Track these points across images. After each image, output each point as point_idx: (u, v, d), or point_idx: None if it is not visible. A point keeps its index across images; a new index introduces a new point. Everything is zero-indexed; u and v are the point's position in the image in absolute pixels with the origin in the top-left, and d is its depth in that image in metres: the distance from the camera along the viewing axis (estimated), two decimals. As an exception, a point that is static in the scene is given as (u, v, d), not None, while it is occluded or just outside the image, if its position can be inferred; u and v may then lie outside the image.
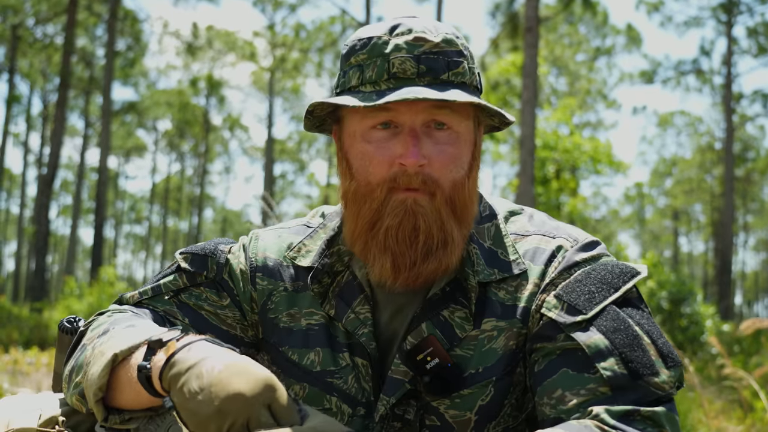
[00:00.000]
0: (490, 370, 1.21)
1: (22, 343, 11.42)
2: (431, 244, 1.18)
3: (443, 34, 1.19)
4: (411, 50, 1.17)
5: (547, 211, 16.44)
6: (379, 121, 1.18)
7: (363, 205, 1.20)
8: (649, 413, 1.03)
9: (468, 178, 1.21)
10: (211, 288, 1.34)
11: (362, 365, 1.26)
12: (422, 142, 1.17)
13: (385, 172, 1.18)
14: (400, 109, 1.17)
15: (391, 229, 1.18)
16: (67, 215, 48.19)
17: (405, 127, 1.17)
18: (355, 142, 1.21)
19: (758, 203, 44.07)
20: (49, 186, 20.40)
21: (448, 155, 1.18)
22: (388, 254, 1.19)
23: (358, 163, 1.21)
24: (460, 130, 1.20)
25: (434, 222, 1.18)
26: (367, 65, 1.19)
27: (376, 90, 1.17)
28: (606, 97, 37.09)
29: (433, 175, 1.17)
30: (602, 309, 1.12)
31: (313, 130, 1.33)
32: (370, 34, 1.21)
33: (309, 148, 45.11)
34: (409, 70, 1.16)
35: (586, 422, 1.01)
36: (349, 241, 1.25)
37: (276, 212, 6.07)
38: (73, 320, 1.38)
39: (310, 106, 1.23)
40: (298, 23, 35.21)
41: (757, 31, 29.09)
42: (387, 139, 1.18)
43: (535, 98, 13.42)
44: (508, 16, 21.11)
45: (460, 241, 1.21)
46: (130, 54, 30.94)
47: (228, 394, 0.92)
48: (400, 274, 1.19)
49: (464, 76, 1.19)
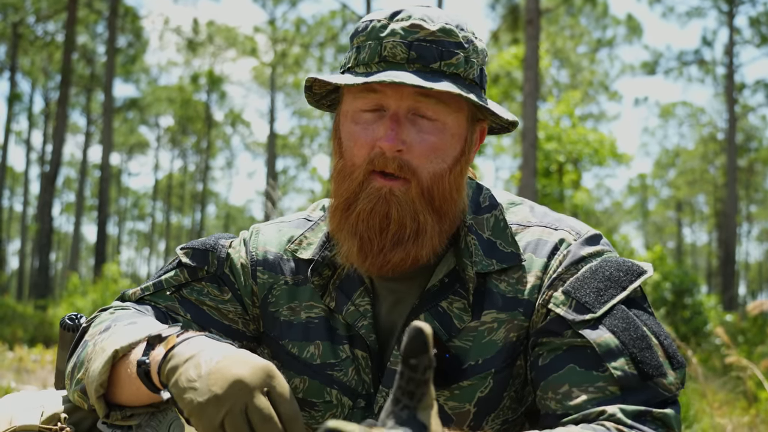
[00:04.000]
0: (490, 362, 1.21)
1: (27, 340, 11.45)
2: (402, 234, 1.18)
3: (442, 24, 1.18)
4: (405, 36, 1.17)
5: (550, 204, 16.43)
6: (368, 103, 1.19)
7: (344, 184, 1.21)
8: (660, 414, 1.04)
9: (450, 171, 1.20)
10: (213, 283, 1.34)
11: (362, 357, 1.26)
12: (404, 128, 1.16)
13: (365, 153, 1.18)
14: (387, 92, 1.17)
15: (363, 213, 1.18)
16: (70, 212, 48.25)
17: (389, 112, 1.18)
18: (346, 121, 1.22)
19: (761, 193, 43.98)
20: (51, 183, 20.42)
21: (428, 144, 1.17)
22: (356, 238, 1.19)
23: (346, 143, 1.21)
24: (447, 121, 1.19)
25: (407, 212, 1.17)
26: (363, 47, 1.20)
27: (366, 72, 1.17)
28: (608, 88, 37.00)
29: (412, 162, 1.17)
30: (611, 308, 1.12)
31: (324, 108, 1.34)
32: (372, 17, 1.22)
33: (311, 142, 45.08)
34: (399, 55, 1.16)
35: (606, 424, 1.02)
36: (328, 218, 1.26)
37: (279, 207, 6.07)
38: (75, 317, 1.38)
39: (307, 82, 1.24)
40: (298, 18, 35.17)
41: (760, 20, 28.99)
42: (373, 121, 1.19)
43: (536, 91, 13.39)
44: (508, 8, 21.06)
45: (434, 234, 1.20)
46: (131, 51, 30.95)
47: (227, 380, 0.93)
48: (366, 259, 1.19)
49: (458, 68, 1.18)
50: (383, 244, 1.18)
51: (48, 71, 33.27)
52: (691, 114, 42.24)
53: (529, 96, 13.16)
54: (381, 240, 1.18)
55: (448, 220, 1.22)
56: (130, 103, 36.21)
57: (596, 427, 1.01)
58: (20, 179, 44.89)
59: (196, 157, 45.01)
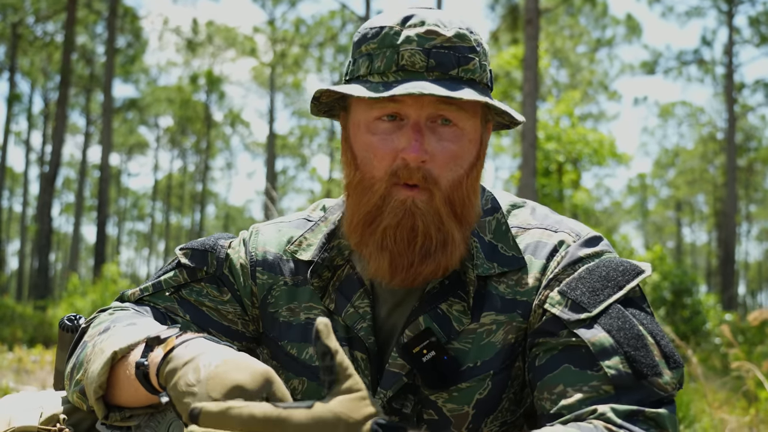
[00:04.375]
0: (488, 364, 1.21)
1: (26, 341, 11.43)
2: (429, 246, 1.17)
3: (456, 29, 1.17)
4: (422, 43, 1.15)
5: (550, 204, 16.43)
6: (385, 113, 1.17)
7: (363, 197, 1.19)
8: (653, 414, 1.03)
9: (467, 176, 1.19)
10: (212, 283, 1.33)
11: (361, 359, 1.26)
12: (426, 138, 1.15)
13: (387, 165, 1.16)
14: (407, 101, 1.15)
15: (390, 228, 1.17)
16: (69, 213, 48.23)
17: (410, 121, 1.16)
18: (360, 132, 1.20)
19: (761, 193, 43.98)
20: (51, 184, 20.41)
21: (450, 153, 1.17)
22: (386, 254, 1.18)
23: (362, 155, 1.19)
24: (465, 127, 1.18)
25: (432, 223, 1.16)
26: (377, 55, 1.17)
27: (383, 81, 1.15)
28: (607, 88, 37.02)
29: (434, 172, 1.16)
30: (607, 307, 1.12)
31: (321, 115, 1.32)
32: (383, 23, 1.19)
33: (311, 143, 45.07)
34: (418, 63, 1.15)
35: (595, 422, 1.01)
36: (347, 231, 1.24)
37: (278, 207, 6.07)
38: (74, 318, 1.38)
39: (317, 93, 1.22)
40: (298, 18, 35.16)
41: (759, 20, 28.99)
42: (391, 131, 1.17)
43: (536, 91, 13.39)
44: (508, 8, 21.06)
45: (460, 241, 1.19)
46: (130, 51, 30.94)
47: (226, 386, 0.91)
48: (396, 274, 1.18)
49: (474, 73, 1.17)
50: (413, 258, 1.17)
51: (47, 72, 33.26)
52: (691, 114, 42.24)
53: (529, 96, 13.16)
54: (410, 254, 1.17)
55: (468, 225, 1.21)
56: (129, 104, 36.20)
57: (583, 425, 1.00)
58: (20, 180, 44.88)
59: (196, 158, 45.01)
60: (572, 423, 1.02)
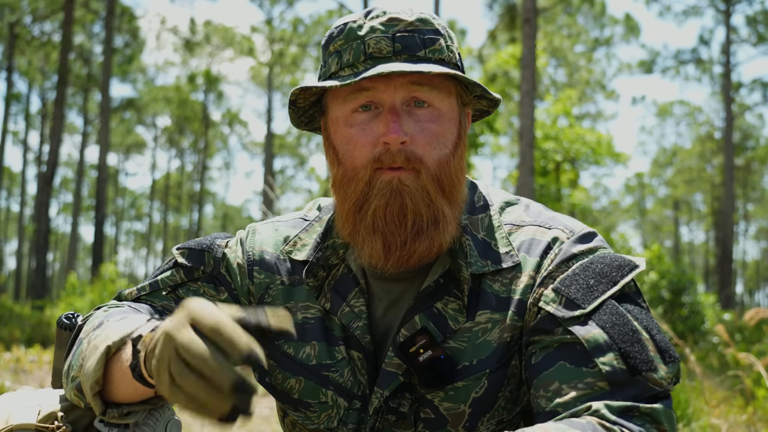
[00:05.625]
0: (484, 363, 1.20)
1: (24, 341, 11.42)
2: (421, 223, 1.17)
3: (418, 14, 1.20)
4: (386, 30, 1.18)
5: (548, 203, 16.44)
6: (360, 103, 1.18)
7: (349, 188, 1.20)
8: (648, 410, 1.02)
9: (453, 156, 1.20)
10: (209, 283, 1.34)
11: (358, 358, 1.26)
12: (403, 120, 1.16)
13: (368, 153, 1.17)
14: (379, 87, 1.17)
15: (379, 209, 1.17)
16: (67, 213, 48.21)
17: (385, 106, 1.17)
18: (339, 127, 1.21)
19: (758, 192, 44.05)
20: (48, 184, 20.39)
21: (430, 132, 1.18)
22: (378, 235, 1.18)
23: (343, 149, 1.20)
24: (441, 107, 1.19)
25: (421, 200, 1.17)
26: (344, 50, 1.19)
27: (353, 72, 1.17)
28: (605, 87, 37.06)
29: (417, 152, 1.17)
30: (601, 303, 1.11)
31: (303, 127, 1.32)
32: (346, 20, 1.22)
33: (308, 142, 45.08)
34: (385, 49, 1.17)
35: (588, 418, 1.01)
36: (338, 226, 1.25)
37: (277, 207, 6.06)
38: (72, 316, 1.38)
39: (292, 96, 1.23)
40: (295, 18, 35.19)
41: (756, 19, 29.04)
42: (369, 120, 1.18)
43: (534, 90, 13.40)
44: (505, 7, 21.05)
45: (452, 218, 1.20)
46: (127, 51, 30.93)
47: (160, 339, 0.91)
48: (391, 255, 1.18)
49: (442, 53, 1.19)
50: (405, 236, 1.17)
51: (45, 71, 33.24)
52: (689, 113, 42.32)
53: (527, 95, 13.16)
54: (402, 233, 1.17)
55: (457, 205, 1.22)
56: (127, 103, 36.20)
57: (575, 422, 1.00)
58: (17, 180, 44.85)
59: (194, 157, 44.99)
60: (565, 420, 1.02)
